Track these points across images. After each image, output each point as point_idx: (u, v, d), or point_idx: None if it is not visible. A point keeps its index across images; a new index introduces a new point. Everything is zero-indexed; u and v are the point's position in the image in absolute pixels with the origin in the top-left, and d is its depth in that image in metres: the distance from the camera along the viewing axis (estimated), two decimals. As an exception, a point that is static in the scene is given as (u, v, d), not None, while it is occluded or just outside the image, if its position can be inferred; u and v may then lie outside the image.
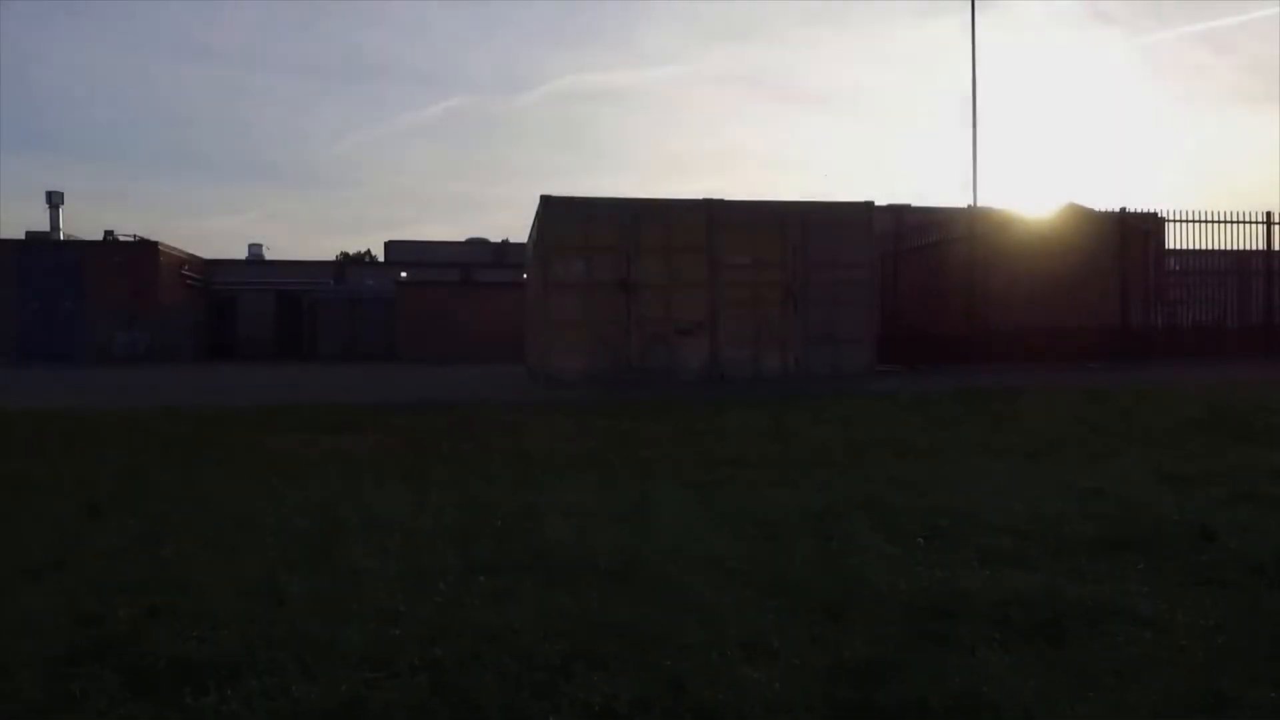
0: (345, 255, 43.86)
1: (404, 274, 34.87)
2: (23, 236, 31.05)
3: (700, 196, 13.02)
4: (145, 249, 28.17)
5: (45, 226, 32.70)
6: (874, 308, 13.67)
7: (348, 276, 34.09)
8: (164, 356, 27.34)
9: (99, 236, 30.71)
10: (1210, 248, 16.47)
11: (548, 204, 12.57)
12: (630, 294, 12.57)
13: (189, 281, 30.81)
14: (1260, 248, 16.31)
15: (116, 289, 27.50)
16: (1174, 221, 15.83)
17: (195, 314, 31.36)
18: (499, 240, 50.41)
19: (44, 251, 28.10)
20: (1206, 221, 15.76)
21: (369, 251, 49.25)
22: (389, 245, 48.53)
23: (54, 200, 31.87)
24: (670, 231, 12.76)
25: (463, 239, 49.60)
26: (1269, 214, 16.23)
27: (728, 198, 13.10)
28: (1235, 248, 16.36)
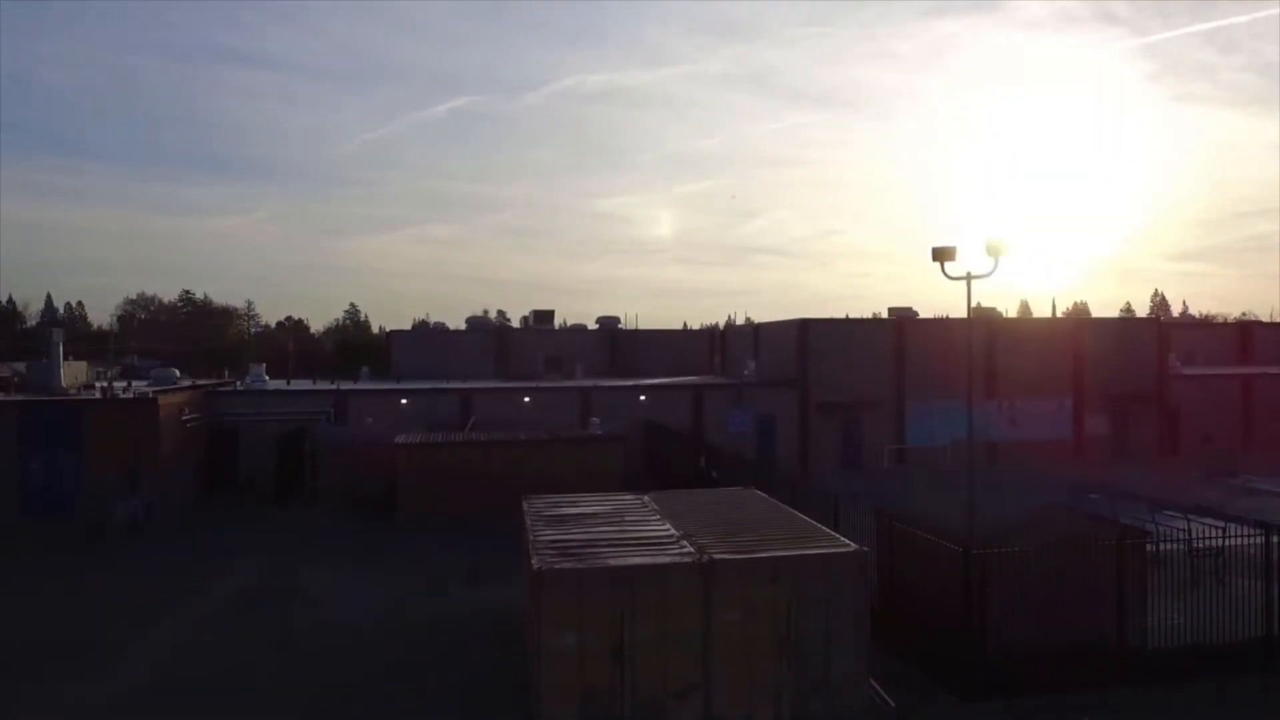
0: (346, 346, 43.92)
1: (404, 401, 34.88)
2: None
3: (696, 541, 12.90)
4: (145, 406, 28.17)
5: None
6: (867, 651, 13.55)
7: (349, 408, 34.03)
8: (165, 518, 27.37)
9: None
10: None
11: (542, 578, 12.54)
12: (623, 662, 12.54)
13: (189, 425, 30.86)
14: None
15: (116, 449, 27.51)
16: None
17: (195, 457, 31.45)
18: (500, 324, 50.47)
19: (44, 411, 28.08)
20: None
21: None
22: (391, 338, 48.71)
23: (54, 338, 31.89)
24: (665, 596, 12.70)
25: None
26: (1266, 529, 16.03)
27: (723, 556, 13.05)
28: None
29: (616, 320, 55.88)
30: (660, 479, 31.49)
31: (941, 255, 14.29)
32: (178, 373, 40.70)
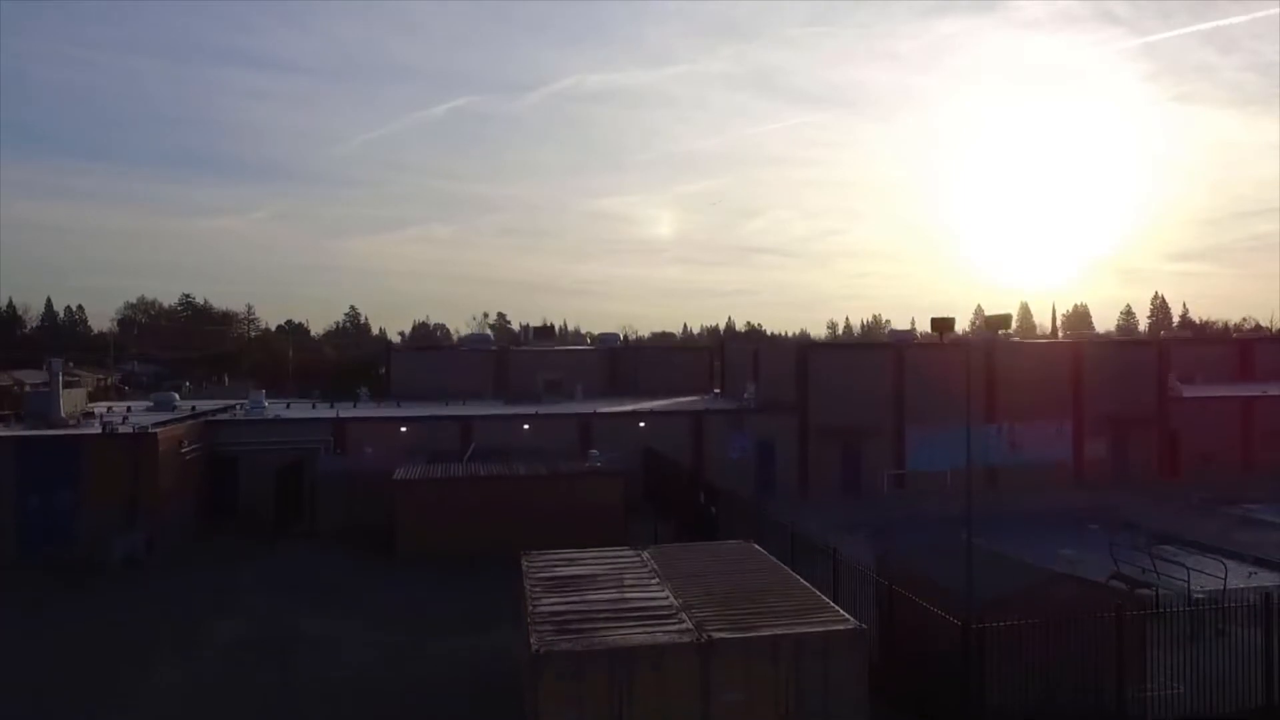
0: (345, 367, 44.46)
1: (403, 429, 34.86)
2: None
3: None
4: (144, 441, 28.14)
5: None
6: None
7: (348, 435, 34.03)
8: (164, 551, 27.38)
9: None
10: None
11: (540, 661, 12.50)
12: (622, 744, 12.51)
13: (188, 457, 30.85)
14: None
15: (115, 485, 27.54)
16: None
17: (194, 488, 31.47)
18: (500, 346, 50.42)
19: (43, 446, 28.05)
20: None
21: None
22: (391, 357, 48.69)
23: (54, 368, 31.89)
24: (664, 676, 12.68)
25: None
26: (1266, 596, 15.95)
27: (722, 635, 13.01)
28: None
29: (616, 337, 55.98)
30: (659, 510, 31.52)
31: (940, 326, 14.29)
32: (177, 396, 40.71)
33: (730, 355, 48.81)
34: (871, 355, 39.98)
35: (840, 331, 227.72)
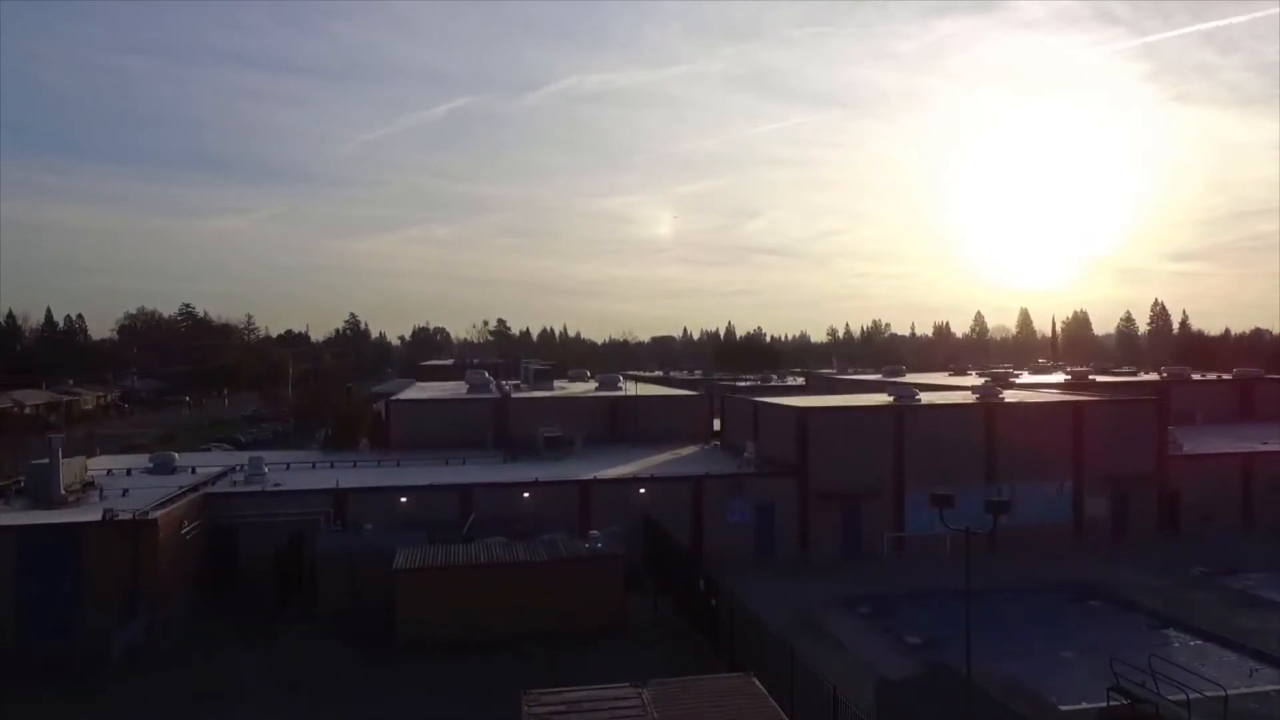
0: (343, 420, 44.81)
1: (403, 499, 34.88)
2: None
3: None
4: (144, 528, 28.12)
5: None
6: None
7: (348, 506, 34.07)
8: (165, 635, 27.44)
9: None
10: None
11: None
12: None
13: (188, 536, 30.88)
14: None
15: (115, 572, 27.55)
16: None
17: (195, 565, 31.53)
18: (501, 395, 50.45)
19: (42, 535, 28.02)
20: None
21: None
22: (390, 408, 48.76)
23: (54, 444, 31.90)
24: None
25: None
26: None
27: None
28: None
29: (616, 378, 56.05)
30: (659, 584, 31.54)
31: (940, 503, 14.32)
32: (176, 457, 40.69)
33: (729, 410, 48.96)
34: (871, 417, 39.99)
35: (840, 337, 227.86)
